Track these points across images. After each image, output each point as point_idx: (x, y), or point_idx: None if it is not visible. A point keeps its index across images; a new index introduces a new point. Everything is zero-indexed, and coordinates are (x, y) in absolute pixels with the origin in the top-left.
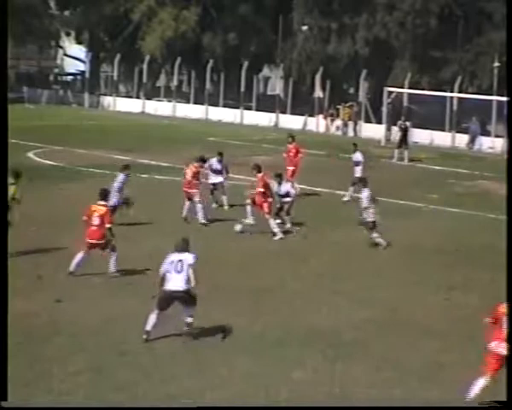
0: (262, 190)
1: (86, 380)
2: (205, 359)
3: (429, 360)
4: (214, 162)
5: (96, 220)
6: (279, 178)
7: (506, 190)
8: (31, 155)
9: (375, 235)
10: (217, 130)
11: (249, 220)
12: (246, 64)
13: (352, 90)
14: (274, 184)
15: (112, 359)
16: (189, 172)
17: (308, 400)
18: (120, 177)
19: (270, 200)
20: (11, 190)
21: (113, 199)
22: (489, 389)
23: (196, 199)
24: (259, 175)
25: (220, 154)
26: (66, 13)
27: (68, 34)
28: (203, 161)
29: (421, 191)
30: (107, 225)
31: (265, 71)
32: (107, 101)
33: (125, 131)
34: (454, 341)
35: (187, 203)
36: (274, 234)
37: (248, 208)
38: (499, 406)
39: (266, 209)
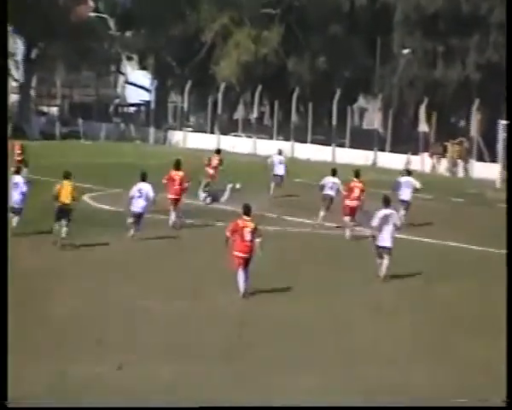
0: None
1: None
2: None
3: None
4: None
5: (248, 236)
6: None
7: (506, 194)
8: (86, 198)
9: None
10: (304, 170)
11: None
12: (338, 93)
13: (461, 123)
14: None
15: None
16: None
17: None
18: None
19: None
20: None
21: None
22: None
23: None
24: None
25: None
26: (128, 34)
27: (130, 59)
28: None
29: None
30: (259, 239)
31: (361, 101)
32: (176, 136)
33: (199, 173)
34: None
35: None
36: None
37: None
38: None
39: None
